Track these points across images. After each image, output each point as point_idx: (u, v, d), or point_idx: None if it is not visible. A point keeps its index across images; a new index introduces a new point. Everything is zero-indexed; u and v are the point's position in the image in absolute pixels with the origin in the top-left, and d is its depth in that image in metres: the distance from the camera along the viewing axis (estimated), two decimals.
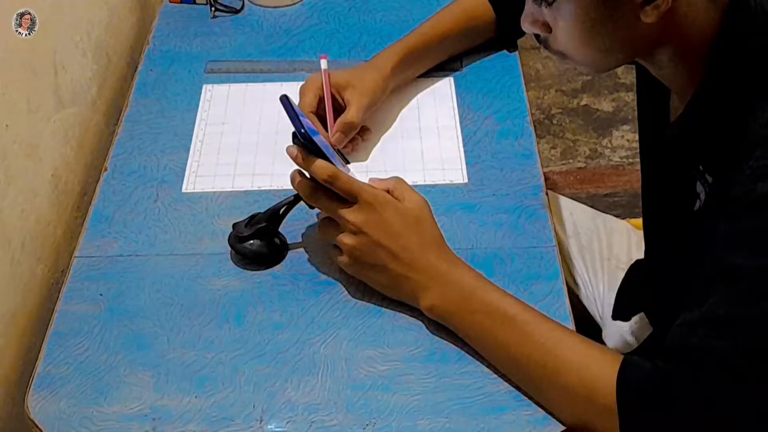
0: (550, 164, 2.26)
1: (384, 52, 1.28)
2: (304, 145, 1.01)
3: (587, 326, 1.34)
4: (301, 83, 1.25)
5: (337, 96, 1.24)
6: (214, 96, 1.34)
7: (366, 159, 1.24)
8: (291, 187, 1.07)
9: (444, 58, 1.35)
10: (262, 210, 1.12)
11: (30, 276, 1.14)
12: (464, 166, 1.22)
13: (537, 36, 1.02)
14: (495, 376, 0.99)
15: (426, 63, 1.34)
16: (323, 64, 1.24)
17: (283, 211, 1.10)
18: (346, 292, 1.08)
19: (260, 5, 1.48)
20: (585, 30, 0.95)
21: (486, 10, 1.33)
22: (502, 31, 1.36)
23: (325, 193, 1.04)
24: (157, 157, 1.25)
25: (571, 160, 2.28)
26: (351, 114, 1.21)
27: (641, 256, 1.31)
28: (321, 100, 1.23)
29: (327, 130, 1.21)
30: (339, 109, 1.24)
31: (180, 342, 1.04)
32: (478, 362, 1.00)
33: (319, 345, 1.04)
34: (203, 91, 1.35)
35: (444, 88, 1.34)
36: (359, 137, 1.25)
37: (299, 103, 1.22)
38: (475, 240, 1.13)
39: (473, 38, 1.35)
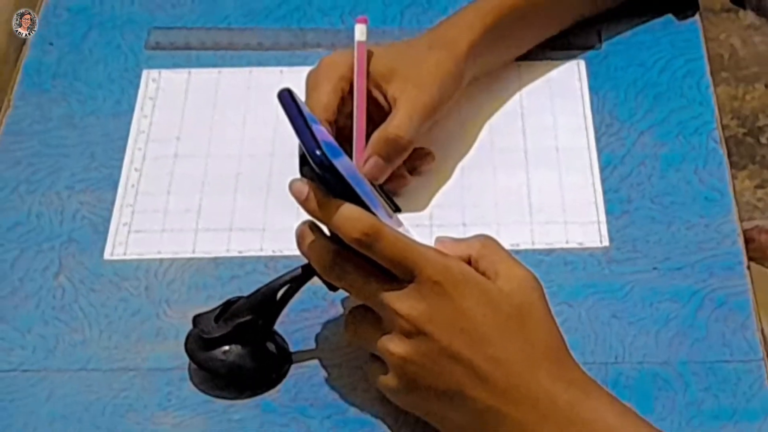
0: (755, 215, 1.95)
1: (457, 17, 1.08)
2: (322, 178, 0.86)
3: None
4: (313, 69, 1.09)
5: (376, 92, 1.05)
6: (162, 89, 1.16)
7: (426, 205, 1.05)
8: (297, 253, 0.91)
9: (567, 24, 1.13)
10: (246, 292, 0.94)
11: None
12: (603, 218, 1.04)
13: None
14: None
15: (533, 34, 1.12)
16: (359, 32, 1.03)
17: (283, 295, 0.92)
18: None
19: None
20: None
21: None
22: None
23: (357, 263, 0.87)
24: (59, 197, 1.07)
25: None
26: (396, 124, 1.01)
27: None
28: (345, 98, 1.04)
29: (351, 150, 1.04)
30: (377, 114, 1.04)
31: None
32: None
33: None
34: (143, 80, 1.15)
35: (567, 79, 1.13)
36: (414, 166, 1.05)
37: (307, 103, 1.04)
38: (622, 348, 0.96)
39: None
